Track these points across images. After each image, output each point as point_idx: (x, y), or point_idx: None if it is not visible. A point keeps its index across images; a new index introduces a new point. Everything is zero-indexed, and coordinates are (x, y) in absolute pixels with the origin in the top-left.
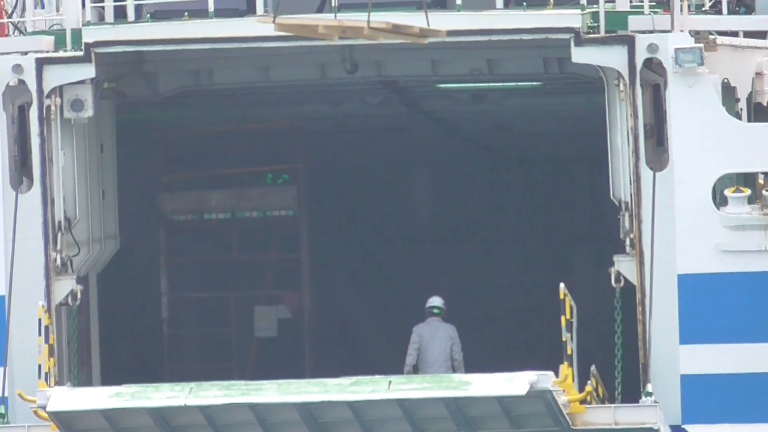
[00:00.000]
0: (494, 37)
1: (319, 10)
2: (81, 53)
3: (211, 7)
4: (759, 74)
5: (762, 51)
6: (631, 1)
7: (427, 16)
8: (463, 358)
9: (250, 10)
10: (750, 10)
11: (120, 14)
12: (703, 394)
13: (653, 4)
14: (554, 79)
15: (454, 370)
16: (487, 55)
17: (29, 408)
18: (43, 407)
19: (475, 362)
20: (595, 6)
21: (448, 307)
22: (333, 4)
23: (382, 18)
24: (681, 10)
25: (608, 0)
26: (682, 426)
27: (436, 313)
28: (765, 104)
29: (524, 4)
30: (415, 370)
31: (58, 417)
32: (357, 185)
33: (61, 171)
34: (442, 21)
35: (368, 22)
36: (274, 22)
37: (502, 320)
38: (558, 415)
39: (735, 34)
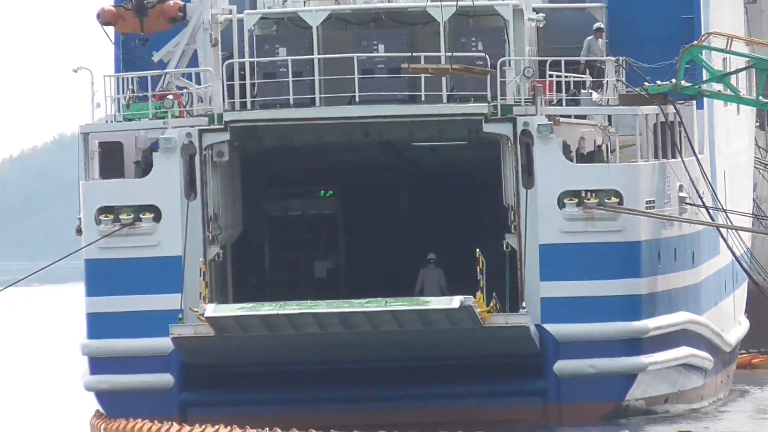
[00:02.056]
0: (442, 118)
1: (350, 103)
2: (222, 126)
3: (291, 102)
4: (582, 138)
5: (584, 126)
6: (514, 99)
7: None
8: (446, 287)
9: (312, 102)
10: (578, 103)
11: (243, 105)
12: (552, 308)
13: (526, 99)
14: (474, 140)
15: (442, 294)
16: (438, 127)
17: (195, 316)
18: (203, 314)
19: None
20: (495, 102)
21: (438, 258)
22: (356, 100)
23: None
24: (541, 104)
25: (502, 97)
26: (542, 324)
27: (431, 262)
28: (585, 154)
29: (457, 100)
30: (422, 293)
31: (210, 320)
32: (369, 197)
33: (211, 189)
34: (414, 109)
35: (451, 66)
36: (408, 67)
37: (448, 270)
38: (476, 318)
39: (569, 116)
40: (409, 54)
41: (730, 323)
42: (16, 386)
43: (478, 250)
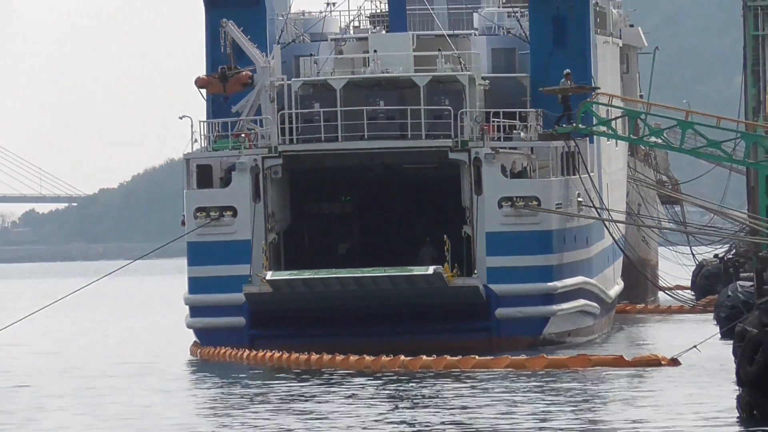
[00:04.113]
0: (422, 149)
1: (361, 139)
2: (277, 155)
3: (322, 138)
4: (514, 162)
5: (515, 154)
6: (469, 137)
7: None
8: (436, 257)
9: (336, 139)
10: (511, 139)
11: (291, 141)
12: (494, 274)
13: (477, 137)
14: (443, 163)
15: (434, 263)
16: (420, 155)
17: (259, 279)
18: (265, 278)
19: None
20: (456, 138)
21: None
22: (365, 137)
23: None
24: (487, 140)
25: (461, 136)
26: (487, 284)
27: (427, 242)
28: (516, 172)
29: (432, 137)
30: (421, 263)
31: (270, 282)
32: (375, 201)
33: (270, 196)
34: (404, 143)
35: (545, 89)
36: (544, 90)
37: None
38: (444, 281)
39: (505, 148)
40: (401, 107)
41: (611, 283)
42: (140, 324)
43: (445, 235)
